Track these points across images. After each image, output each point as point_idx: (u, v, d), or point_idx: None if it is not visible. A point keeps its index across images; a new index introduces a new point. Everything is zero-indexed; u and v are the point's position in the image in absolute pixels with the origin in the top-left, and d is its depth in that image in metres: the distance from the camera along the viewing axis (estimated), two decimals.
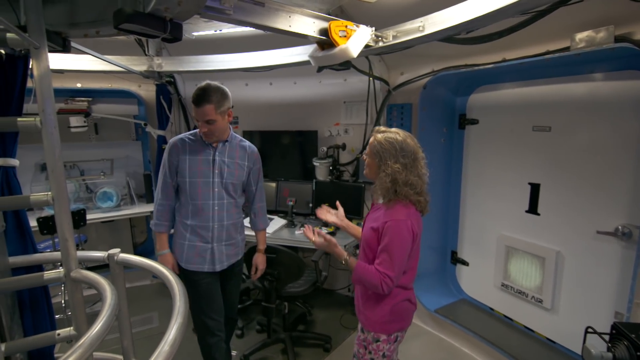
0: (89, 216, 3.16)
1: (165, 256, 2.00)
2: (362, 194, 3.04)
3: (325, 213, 1.85)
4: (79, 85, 3.29)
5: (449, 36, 1.84)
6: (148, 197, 3.84)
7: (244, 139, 2.07)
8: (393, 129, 1.55)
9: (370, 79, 2.84)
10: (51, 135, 1.28)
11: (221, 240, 1.98)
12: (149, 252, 4.07)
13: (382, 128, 1.57)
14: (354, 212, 3.03)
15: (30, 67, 1.41)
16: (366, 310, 1.61)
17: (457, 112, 2.81)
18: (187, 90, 3.74)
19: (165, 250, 2.01)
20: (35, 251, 1.68)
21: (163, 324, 3.07)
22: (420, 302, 2.87)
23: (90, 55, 2.42)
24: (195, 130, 1.99)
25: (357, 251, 1.86)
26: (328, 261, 2.71)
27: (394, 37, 1.96)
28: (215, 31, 2.68)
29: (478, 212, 2.77)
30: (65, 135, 3.45)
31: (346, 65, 2.21)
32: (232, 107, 1.91)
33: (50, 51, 1.60)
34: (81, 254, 1.59)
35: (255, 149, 2.08)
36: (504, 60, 2.17)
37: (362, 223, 1.76)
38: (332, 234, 2.96)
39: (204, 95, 1.79)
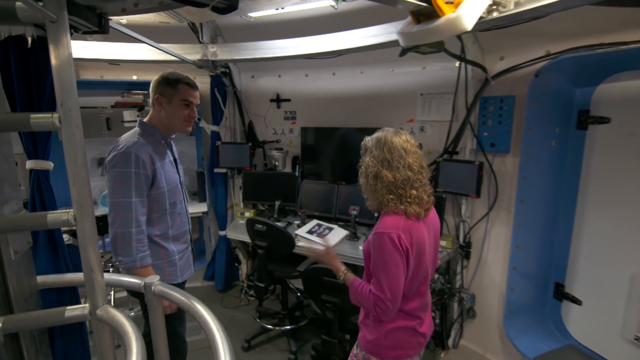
0: None
1: None
2: (442, 205, 2.49)
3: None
4: (134, 77, 3.15)
5: None
6: (201, 196, 3.69)
7: None
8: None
9: (459, 65, 2.29)
10: (72, 136, 0.98)
11: (191, 239, 1.92)
12: (199, 252, 3.93)
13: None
14: None
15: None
16: (363, 327, 1.50)
17: (576, 107, 2.17)
18: (243, 82, 3.46)
19: None
20: (69, 269, 1.46)
21: None
22: (513, 344, 2.31)
23: (144, 45, 2.21)
24: (135, 130, 1.68)
25: None
26: None
27: (517, 4, 1.43)
28: (277, 9, 2.31)
29: (601, 239, 2.11)
30: (119, 130, 3.38)
31: (439, 46, 1.71)
32: None
33: (85, 32, 1.35)
34: (114, 278, 1.32)
35: None
36: None
37: None
38: None
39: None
